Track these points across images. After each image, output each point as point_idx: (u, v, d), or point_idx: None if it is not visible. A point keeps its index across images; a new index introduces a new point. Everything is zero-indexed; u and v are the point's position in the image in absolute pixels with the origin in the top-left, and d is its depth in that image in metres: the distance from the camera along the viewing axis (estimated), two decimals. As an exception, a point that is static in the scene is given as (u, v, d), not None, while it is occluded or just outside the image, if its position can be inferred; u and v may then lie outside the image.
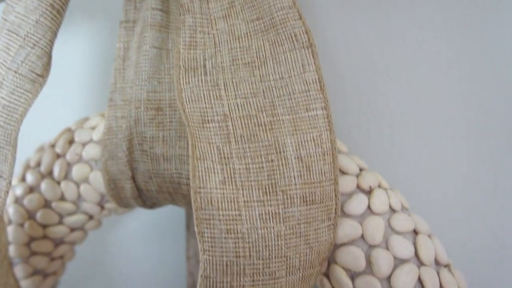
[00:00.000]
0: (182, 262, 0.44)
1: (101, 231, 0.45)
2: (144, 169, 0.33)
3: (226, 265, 0.26)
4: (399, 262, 0.29)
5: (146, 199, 0.34)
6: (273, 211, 0.27)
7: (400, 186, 0.33)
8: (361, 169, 0.31)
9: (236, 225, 0.27)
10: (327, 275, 0.30)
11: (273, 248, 0.27)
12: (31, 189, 0.36)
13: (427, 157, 0.37)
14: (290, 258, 0.27)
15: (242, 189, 0.27)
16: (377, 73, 0.37)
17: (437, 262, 0.30)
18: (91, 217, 0.37)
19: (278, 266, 0.27)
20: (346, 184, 0.30)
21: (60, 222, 0.36)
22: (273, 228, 0.27)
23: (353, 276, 0.29)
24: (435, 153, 0.37)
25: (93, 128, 0.35)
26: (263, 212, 0.27)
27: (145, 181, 0.33)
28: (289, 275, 0.27)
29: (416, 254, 0.29)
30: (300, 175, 0.27)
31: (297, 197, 0.27)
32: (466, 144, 0.37)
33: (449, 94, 0.36)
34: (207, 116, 0.28)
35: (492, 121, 0.36)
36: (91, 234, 0.43)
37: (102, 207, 0.36)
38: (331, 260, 0.30)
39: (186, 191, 0.32)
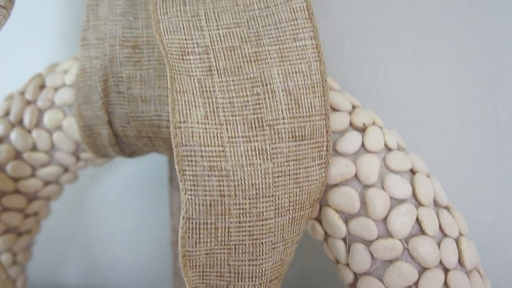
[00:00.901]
0: (166, 219, 0.42)
1: (78, 189, 0.44)
2: (121, 113, 0.31)
3: (210, 205, 0.25)
4: (395, 202, 0.28)
5: (124, 147, 0.33)
6: (260, 147, 0.26)
7: (396, 130, 0.32)
8: (354, 107, 0.30)
9: (220, 162, 0.25)
10: (319, 219, 0.29)
11: (260, 186, 0.26)
12: (0, 140, 0.34)
13: (423, 101, 0.36)
14: (278, 198, 0.26)
15: (226, 124, 0.26)
16: (368, 10, 0.35)
17: (436, 203, 0.29)
18: (66, 169, 0.36)
19: (266, 207, 0.26)
20: (338, 121, 0.29)
21: (33, 175, 0.35)
22: (260, 165, 0.26)
23: (346, 218, 0.28)
24: (432, 96, 0.36)
25: (65, 72, 0.34)
26: (249, 149, 0.26)
27: (122, 126, 0.32)
28: (278, 216, 0.26)
29: (414, 194, 0.28)
30: (288, 109, 0.26)
31: (285, 132, 0.26)
32: (465, 85, 0.36)
33: (447, 34, 0.35)
34: (187, 48, 0.27)
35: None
36: (68, 193, 0.42)
37: (78, 158, 0.35)
38: (323, 202, 0.29)
39: (167, 134, 0.31)
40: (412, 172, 0.29)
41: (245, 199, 0.25)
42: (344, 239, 0.28)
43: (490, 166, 0.35)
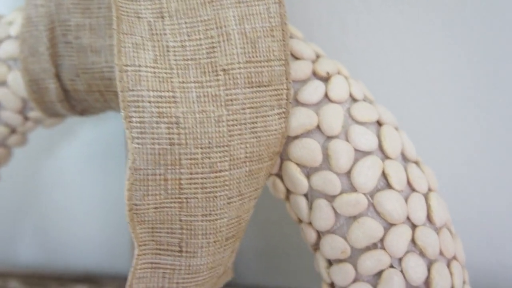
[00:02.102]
0: (125, 187, 0.42)
1: (32, 158, 0.43)
2: (70, 65, 0.31)
3: (159, 154, 0.24)
4: (360, 155, 0.27)
5: (75, 103, 0.32)
6: (213, 93, 0.25)
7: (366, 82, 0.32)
8: (318, 56, 0.29)
9: (170, 108, 0.25)
10: (279, 175, 0.29)
11: (214, 135, 0.25)
12: None
13: (393, 52, 0.35)
14: (234, 149, 0.25)
15: (177, 69, 0.25)
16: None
17: (404, 158, 0.28)
18: (13, 130, 0.35)
19: (220, 157, 0.25)
20: (301, 69, 0.28)
21: (-23, 136, 0.34)
22: (213, 112, 0.25)
23: (308, 173, 0.28)
24: (403, 49, 0.35)
25: (10, 23, 0.33)
26: (202, 94, 0.25)
27: (71, 79, 0.31)
28: (233, 168, 0.25)
29: (380, 146, 0.28)
30: (244, 53, 0.26)
31: (241, 78, 0.25)
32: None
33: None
34: (136, -11, 0.26)
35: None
36: (20, 162, 0.41)
37: (26, 117, 0.34)
38: (283, 156, 0.28)
39: (118, 87, 0.30)
40: (379, 124, 0.28)
41: (197, 148, 0.25)
42: (306, 195, 0.28)
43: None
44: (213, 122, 0.25)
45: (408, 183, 0.28)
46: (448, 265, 0.28)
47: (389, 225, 0.27)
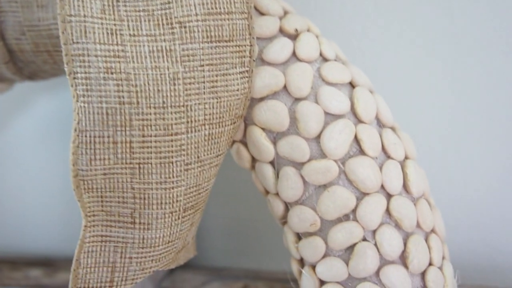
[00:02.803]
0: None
1: (-17, 131, 0.41)
2: (14, 22, 0.29)
3: (107, 114, 0.23)
4: (331, 118, 0.26)
5: (22, 66, 0.30)
6: (168, 48, 0.23)
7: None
8: (286, 12, 0.28)
9: (119, 63, 0.23)
10: (244, 142, 0.27)
11: (168, 94, 0.23)
12: None
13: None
14: (191, 109, 0.24)
15: (128, 21, 0.23)
16: None
17: (379, 123, 0.27)
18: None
19: (175, 119, 0.23)
20: (266, 25, 0.26)
21: None
22: (168, 69, 0.23)
23: (275, 138, 0.26)
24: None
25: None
26: (155, 49, 0.23)
27: (16, 38, 0.29)
28: (191, 131, 0.24)
29: (353, 109, 0.26)
30: (203, 3, 0.24)
31: (198, 31, 0.24)
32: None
33: None
34: None
35: None
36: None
37: (-31, 82, 0.32)
38: (248, 121, 0.26)
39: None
40: (352, 86, 0.27)
41: (150, 108, 0.23)
42: (272, 163, 0.26)
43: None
44: (167, 80, 0.23)
45: (383, 149, 0.26)
46: (426, 239, 0.26)
47: (362, 195, 0.25)
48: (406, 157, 0.27)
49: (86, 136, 0.23)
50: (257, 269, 0.36)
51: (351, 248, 0.25)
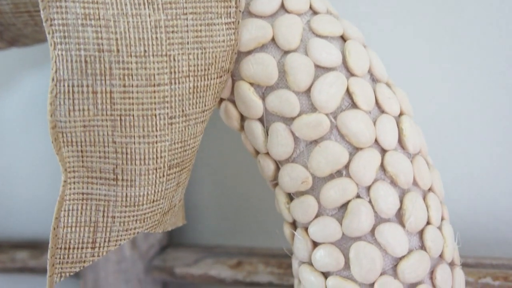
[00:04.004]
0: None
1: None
2: (-7, -18, 0.28)
3: (85, 62, 0.22)
4: (321, 71, 0.25)
5: (1, 29, 0.30)
6: (149, -6, 0.23)
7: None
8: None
9: (98, 9, 0.23)
10: (232, 100, 0.27)
11: (150, 42, 0.23)
12: None
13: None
14: (174, 59, 0.23)
15: (107, -34, 0.23)
16: None
17: (373, 77, 0.27)
18: None
19: (158, 68, 0.23)
20: (253, -24, 0.26)
21: None
22: (149, 16, 0.23)
23: (263, 93, 0.26)
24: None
25: None
26: (136, -5, 0.23)
27: (-4, -1, 0.29)
28: (175, 83, 0.23)
29: (344, 62, 0.26)
30: None
31: (181, -23, 0.23)
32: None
33: None
34: None
35: None
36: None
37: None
38: (235, 76, 0.26)
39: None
40: (344, 39, 0.26)
41: (130, 56, 0.23)
42: (261, 120, 0.26)
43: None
44: (149, 28, 0.23)
45: (377, 104, 0.26)
46: (424, 197, 0.26)
47: (355, 150, 0.25)
48: (402, 113, 0.26)
49: (64, 86, 0.22)
50: (251, 246, 0.36)
51: (344, 206, 0.25)
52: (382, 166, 0.25)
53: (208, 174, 0.38)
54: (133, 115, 0.23)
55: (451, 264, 0.27)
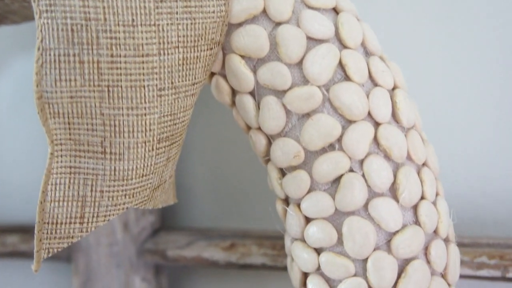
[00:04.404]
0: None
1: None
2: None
3: (72, 30, 0.22)
4: (313, 44, 0.25)
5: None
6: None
7: None
8: None
9: (84, -24, 0.22)
10: (223, 74, 0.26)
11: (138, 11, 0.23)
12: None
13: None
14: (163, 30, 0.23)
15: None
16: None
17: (366, 51, 0.26)
18: None
19: (146, 38, 0.23)
20: None
21: None
22: (137, -16, 0.23)
23: (255, 66, 0.25)
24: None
25: None
26: (122, -38, 0.23)
27: (-18, -26, 0.28)
28: (164, 54, 0.23)
29: (337, 34, 0.25)
30: None
31: None
32: None
33: None
34: None
35: None
36: None
37: None
38: (226, 49, 0.26)
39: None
40: (336, 12, 0.26)
41: (118, 25, 0.22)
42: (252, 94, 0.26)
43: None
44: None
45: (370, 77, 0.25)
46: (418, 172, 0.26)
47: (348, 123, 0.25)
48: (395, 87, 0.26)
49: (50, 55, 0.22)
50: (245, 228, 0.35)
51: (337, 181, 0.25)
52: (376, 140, 0.25)
53: (201, 157, 0.38)
54: (121, 86, 0.23)
55: (446, 241, 0.26)
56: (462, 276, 0.30)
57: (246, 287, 0.37)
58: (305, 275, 0.26)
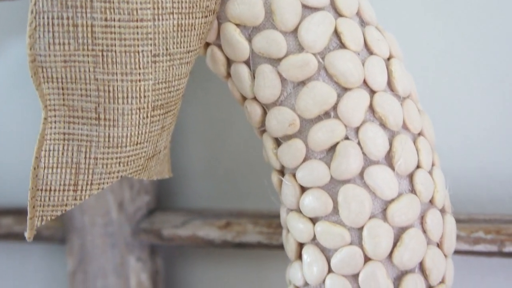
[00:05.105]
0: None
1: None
2: None
3: None
4: (309, 11, 0.25)
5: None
6: None
7: None
8: None
9: None
10: (218, 44, 0.26)
11: None
12: None
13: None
14: None
15: None
16: None
17: (362, 20, 0.26)
18: None
19: (141, 3, 0.23)
20: None
21: None
22: None
23: (250, 35, 0.25)
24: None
25: None
26: None
27: None
28: (158, 19, 0.23)
29: (332, 3, 0.25)
30: None
31: None
32: None
33: None
34: None
35: None
36: None
37: None
38: (221, 19, 0.26)
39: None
40: (331, -19, 0.26)
41: None
42: (247, 63, 0.26)
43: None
44: None
45: (366, 46, 0.25)
46: (414, 141, 0.25)
47: (343, 90, 0.25)
48: (391, 56, 0.26)
49: (43, 18, 0.22)
50: (240, 208, 0.35)
51: (332, 149, 0.25)
52: (371, 108, 0.25)
53: (197, 139, 0.38)
54: (115, 51, 0.23)
55: (442, 211, 0.26)
56: (458, 252, 0.30)
57: (242, 267, 0.37)
58: (301, 246, 0.26)
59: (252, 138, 0.35)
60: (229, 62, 0.26)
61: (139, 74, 0.23)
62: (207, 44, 0.27)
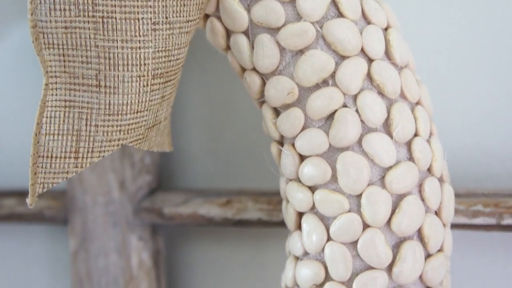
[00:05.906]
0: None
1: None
2: None
3: None
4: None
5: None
6: None
7: None
8: None
9: None
10: (218, 16, 0.27)
11: None
12: None
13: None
14: None
15: None
16: None
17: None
18: None
19: (140, -30, 0.23)
20: None
21: None
22: None
23: (248, 5, 0.25)
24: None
25: None
26: None
27: None
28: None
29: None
30: None
31: None
32: None
33: None
34: None
35: None
36: None
37: None
38: (221, -10, 0.26)
39: None
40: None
41: None
42: (246, 33, 0.26)
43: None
44: None
45: (363, 15, 0.26)
46: (412, 110, 0.26)
47: (341, 59, 0.25)
48: (389, 26, 0.26)
49: None
50: (241, 187, 0.35)
51: (331, 117, 0.25)
52: (369, 76, 0.25)
53: (197, 118, 0.38)
54: (116, 18, 0.23)
55: (440, 180, 0.26)
56: (457, 225, 0.30)
57: (242, 246, 0.37)
58: (300, 216, 0.27)
59: (252, 117, 0.36)
60: (228, 34, 0.27)
61: (139, 41, 0.23)
62: (207, 16, 0.27)
